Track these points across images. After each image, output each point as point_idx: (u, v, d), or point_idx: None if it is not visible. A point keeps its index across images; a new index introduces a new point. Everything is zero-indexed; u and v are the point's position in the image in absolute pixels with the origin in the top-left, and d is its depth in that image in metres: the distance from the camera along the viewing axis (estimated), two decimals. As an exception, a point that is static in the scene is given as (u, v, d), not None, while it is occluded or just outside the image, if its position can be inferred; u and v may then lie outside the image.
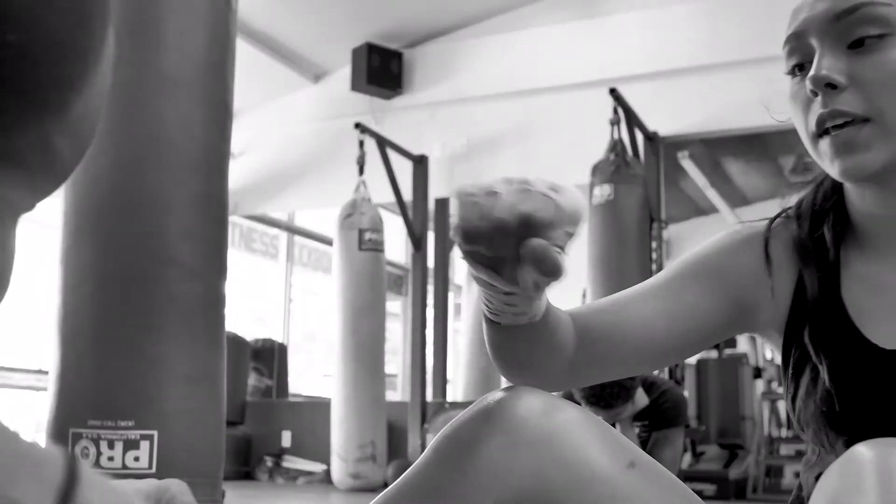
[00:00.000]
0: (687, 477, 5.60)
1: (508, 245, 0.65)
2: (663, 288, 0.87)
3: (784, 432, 7.04)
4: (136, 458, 2.18)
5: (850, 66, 0.76)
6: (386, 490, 0.81)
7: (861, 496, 0.59)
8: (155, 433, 2.21)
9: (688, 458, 5.93)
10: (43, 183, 0.37)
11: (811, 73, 0.77)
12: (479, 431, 0.77)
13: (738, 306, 0.87)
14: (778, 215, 0.90)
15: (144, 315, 2.28)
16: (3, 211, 0.35)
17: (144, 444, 2.20)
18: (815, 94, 0.77)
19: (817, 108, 0.77)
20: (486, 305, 0.76)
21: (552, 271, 0.64)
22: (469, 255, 0.68)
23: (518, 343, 0.79)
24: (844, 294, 0.83)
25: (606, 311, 0.86)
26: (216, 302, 2.42)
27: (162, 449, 2.22)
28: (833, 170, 0.78)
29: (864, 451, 0.62)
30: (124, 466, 2.17)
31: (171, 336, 2.29)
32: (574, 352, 0.83)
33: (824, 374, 0.80)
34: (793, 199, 0.91)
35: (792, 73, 0.82)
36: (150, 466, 2.20)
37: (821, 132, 0.78)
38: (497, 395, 0.79)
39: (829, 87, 0.76)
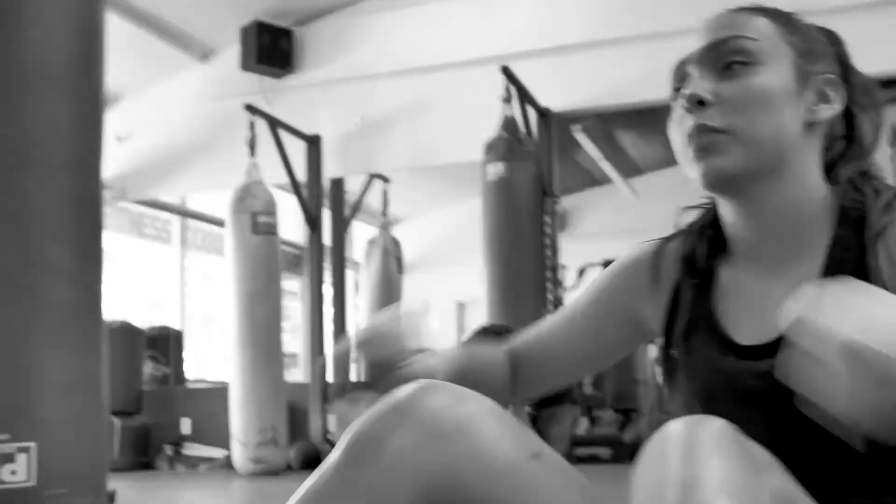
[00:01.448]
0: (583, 442, 5.79)
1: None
2: (576, 316, 1.03)
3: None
4: (13, 472, 2.12)
5: (718, 87, 0.86)
6: (298, 490, 0.82)
7: (667, 464, 0.66)
8: (33, 445, 2.15)
9: (585, 423, 6.11)
10: None
11: (684, 90, 0.88)
12: (388, 426, 0.79)
13: (634, 321, 1.00)
14: (673, 234, 0.99)
15: (16, 324, 2.20)
16: None
17: (21, 457, 2.13)
18: (689, 112, 0.87)
19: (689, 123, 0.86)
20: None
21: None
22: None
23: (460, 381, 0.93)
24: (715, 300, 0.91)
25: (533, 347, 1.05)
26: (93, 305, 2.35)
27: (43, 460, 2.16)
28: (695, 174, 0.86)
29: (675, 426, 0.70)
30: (0, 481, 2.10)
31: (45, 344, 2.22)
32: (511, 378, 1.04)
33: (690, 371, 0.89)
34: (688, 219, 1.00)
35: (673, 97, 0.91)
36: (29, 479, 2.14)
37: (689, 143, 0.87)
38: (405, 389, 0.81)
39: (698, 103, 0.86)
